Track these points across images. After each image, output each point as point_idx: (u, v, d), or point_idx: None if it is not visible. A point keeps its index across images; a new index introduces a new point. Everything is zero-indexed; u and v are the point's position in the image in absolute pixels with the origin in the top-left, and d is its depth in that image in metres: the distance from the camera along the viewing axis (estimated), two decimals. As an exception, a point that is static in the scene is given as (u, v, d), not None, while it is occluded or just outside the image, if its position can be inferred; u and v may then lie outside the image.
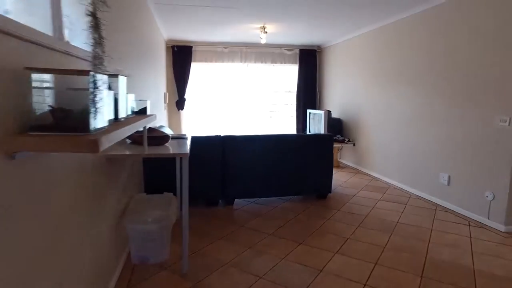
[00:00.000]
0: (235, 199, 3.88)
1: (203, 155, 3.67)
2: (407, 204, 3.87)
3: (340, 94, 6.51)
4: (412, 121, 4.31)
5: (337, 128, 6.21)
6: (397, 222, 3.33)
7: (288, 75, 7.44)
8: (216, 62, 7.06)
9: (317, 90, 7.47)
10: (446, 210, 3.67)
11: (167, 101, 6.35)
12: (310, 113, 6.58)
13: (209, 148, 3.69)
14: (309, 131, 6.60)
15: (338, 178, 5.09)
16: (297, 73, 7.32)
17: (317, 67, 7.41)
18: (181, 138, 3.00)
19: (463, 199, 3.53)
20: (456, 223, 3.31)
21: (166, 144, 2.64)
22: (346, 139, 5.90)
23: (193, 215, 3.47)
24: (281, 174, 3.84)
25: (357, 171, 5.61)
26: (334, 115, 6.52)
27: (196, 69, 7.10)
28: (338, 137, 6.00)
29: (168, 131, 4.75)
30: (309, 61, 7.29)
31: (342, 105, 6.41)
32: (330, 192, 4.05)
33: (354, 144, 5.85)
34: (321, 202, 3.93)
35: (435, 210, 3.69)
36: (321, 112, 5.98)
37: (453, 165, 3.66)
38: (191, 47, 6.83)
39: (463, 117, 3.51)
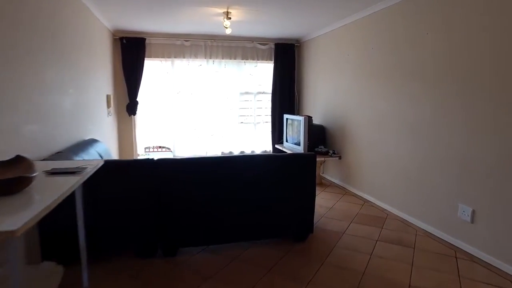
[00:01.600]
0: (180, 247, 2.75)
1: (129, 186, 2.53)
2: (416, 247, 2.85)
3: (323, 96, 5.48)
4: (419, 131, 3.30)
5: (319, 137, 5.18)
6: (409, 284, 2.30)
7: (262, 73, 6.35)
8: (175, 58, 5.89)
9: (296, 91, 6.43)
10: (472, 259, 2.66)
11: (111, 106, 5.14)
12: (287, 118, 5.52)
13: (138, 177, 2.55)
14: (286, 140, 5.55)
15: (322, 202, 4.04)
16: (272, 71, 6.25)
17: (296, 64, 6.37)
18: (73, 172, 1.85)
19: (496, 245, 2.54)
20: (492, 285, 2.30)
21: (28, 189, 1.50)
22: (331, 151, 4.87)
23: (110, 275, 2.33)
24: (245, 210, 2.74)
25: (344, 191, 4.58)
26: (316, 121, 5.48)
27: (151, 66, 5.92)
28: (321, 148, 4.97)
29: (101, 148, 3.58)
30: (287, 57, 6.23)
31: (325, 109, 5.38)
32: (312, 232, 2.99)
33: (340, 158, 4.83)
34: (299, 247, 2.85)
35: (456, 257, 2.68)
36: (300, 118, 4.93)
37: (479, 195, 2.67)
38: (144, 39, 5.64)
39: (494, 127, 2.52)
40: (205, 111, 6.15)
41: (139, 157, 6.11)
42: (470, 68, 2.70)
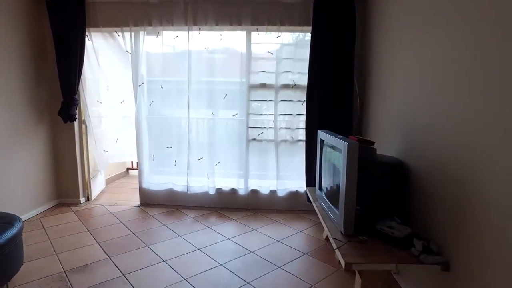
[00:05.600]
0: None
1: None
2: None
3: (412, 99, 2.37)
4: None
5: (391, 193, 2.11)
6: None
7: (290, 51, 3.47)
8: (135, 26, 3.43)
9: (356, 87, 3.37)
10: None
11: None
12: (322, 140, 2.58)
13: None
14: (320, 186, 2.60)
15: None
16: (309, 48, 3.31)
17: (358, 36, 3.29)
18: None
19: None
20: None
21: None
22: (419, 244, 1.77)
23: None
24: None
25: None
26: (388, 151, 2.44)
27: (98, 41, 3.57)
28: (392, 226, 1.91)
29: None
30: (338, 23, 3.19)
31: (415, 126, 2.26)
32: None
33: (446, 267, 1.70)
34: None
35: None
36: (341, 145, 1.98)
37: None
38: (81, -6, 3.31)
39: None
40: (183, 116, 3.55)
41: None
42: None
